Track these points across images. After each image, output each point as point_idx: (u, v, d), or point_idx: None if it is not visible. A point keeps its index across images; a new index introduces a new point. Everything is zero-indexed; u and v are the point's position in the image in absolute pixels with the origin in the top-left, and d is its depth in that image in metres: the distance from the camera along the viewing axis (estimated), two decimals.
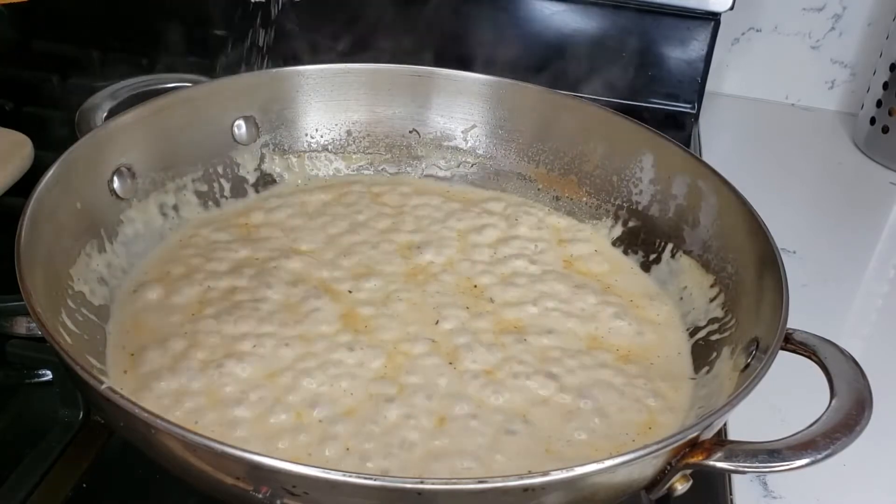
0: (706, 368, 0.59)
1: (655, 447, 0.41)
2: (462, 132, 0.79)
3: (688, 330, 0.64)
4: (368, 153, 0.79)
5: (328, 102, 0.77)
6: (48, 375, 0.58)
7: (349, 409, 0.53)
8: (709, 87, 1.08)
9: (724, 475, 0.59)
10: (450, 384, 0.56)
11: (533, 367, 0.58)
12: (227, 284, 0.63)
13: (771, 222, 0.59)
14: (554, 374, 0.58)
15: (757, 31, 1.15)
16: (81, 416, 0.57)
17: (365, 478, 0.38)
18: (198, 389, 0.53)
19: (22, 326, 0.55)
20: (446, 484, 0.39)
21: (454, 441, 0.52)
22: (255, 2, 0.63)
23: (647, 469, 0.43)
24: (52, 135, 0.81)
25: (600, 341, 0.62)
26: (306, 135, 0.77)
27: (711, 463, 0.43)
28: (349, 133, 0.78)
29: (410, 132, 0.79)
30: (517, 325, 0.63)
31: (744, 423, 0.58)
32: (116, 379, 0.54)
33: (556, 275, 0.68)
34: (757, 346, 0.52)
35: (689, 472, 0.44)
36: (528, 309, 0.64)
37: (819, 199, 1.02)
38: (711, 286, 0.64)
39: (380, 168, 0.80)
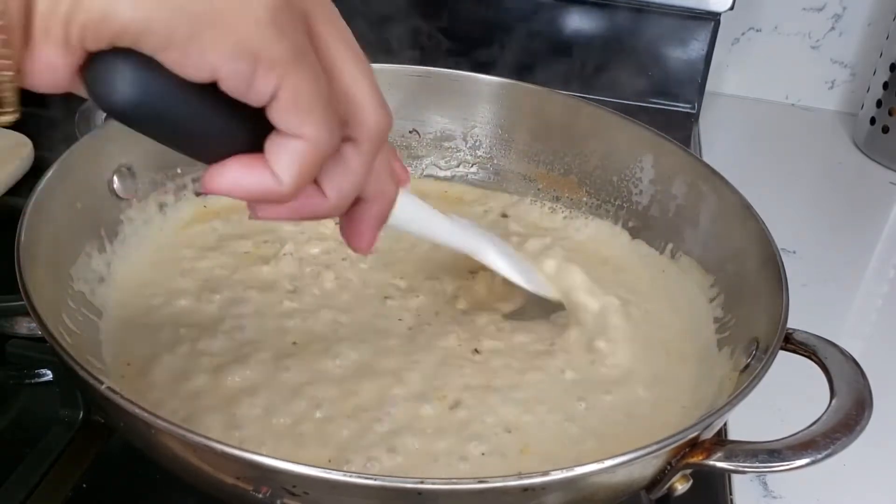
0: (706, 368, 0.59)
1: (655, 447, 0.41)
2: (462, 132, 0.79)
3: None
4: None
5: None
6: (48, 375, 0.58)
7: (352, 406, 0.53)
8: (709, 87, 1.08)
9: (724, 475, 0.59)
10: (451, 373, 0.56)
11: (531, 366, 0.58)
12: (227, 284, 0.63)
13: (771, 222, 0.59)
14: (552, 374, 0.58)
15: (757, 31, 1.15)
16: (81, 416, 0.57)
17: (365, 478, 0.38)
18: (198, 390, 0.53)
19: (22, 326, 0.55)
20: (446, 484, 0.39)
21: (458, 435, 0.52)
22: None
23: (647, 469, 0.43)
24: (52, 135, 0.81)
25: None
26: None
27: (711, 463, 0.43)
28: None
29: (410, 132, 0.79)
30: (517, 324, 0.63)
31: (744, 423, 0.58)
32: (116, 379, 0.54)
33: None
34: (757, 346, 0.52)
35: (689, 472, 0.44)
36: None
37: (819, 199, 1.02)
38: (711, 286, 0.64)
39: None
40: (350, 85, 0.37)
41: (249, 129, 0.36)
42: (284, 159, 0.35)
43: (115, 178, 0.64)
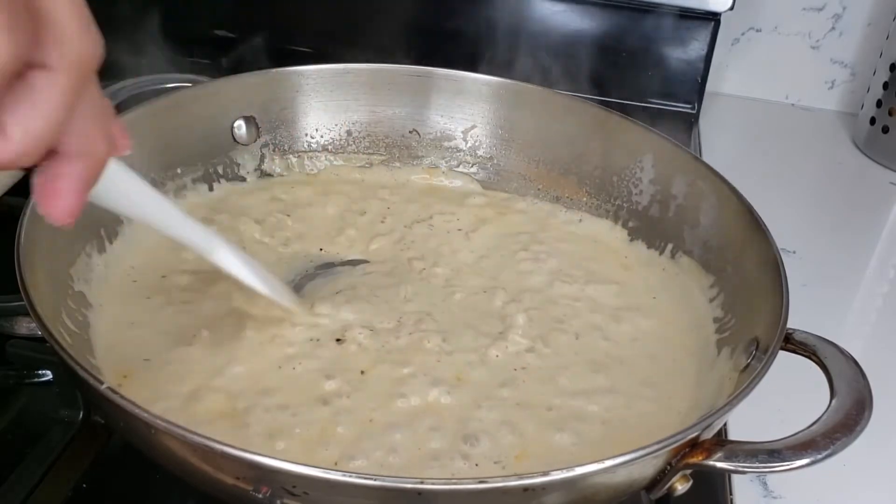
0: (706, 368, 0.59)
1: (655, 447, 0.41)
2: (462, 132, 0.79)
3: None
4: (368, 153, 0.79)
5: (328, 102, 0.77)
6: (48, 375, 0.58)
7: (355, 408, 0.53)
8: (709, 87, 1.08)
9: (724, 475, 0.59)
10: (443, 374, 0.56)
11: (533, 367, 0.58)
12: (227, 284, 0.63)
13: (771, 222, 0.59)
14: (553, 375, 0.58)
15: (757, 31, 1.15)
16: (81, 416, 0.57)
17: (365, 478, 0.38)
18: (199, 389, 0.53)
19: (22, 326, 0.55)
20: (446, 484, 0.39)
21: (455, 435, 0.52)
22: None
23: (647, 469, 0.43)
24: None
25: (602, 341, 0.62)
26: (306, 135, 0.77)
27: (711, 463, 0.43)
28: (349, 133, 0.78)
29: (410, 132, 0.79)
30: (518, 325, 0.62)
31: (744, 423, 0.58)
32: (116, 380, 0.54)
33: (557, 275, 0.68)
34: (757, 346, 0.52)
35: (689, 472, 0.44)
36: (528, 310, 0.64)
37: (819, 199, 1.02)
38: (711, 286, 0.64)
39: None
40: None
41: None
42: None
43: None
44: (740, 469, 0.43)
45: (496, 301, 0.64)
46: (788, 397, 0.59)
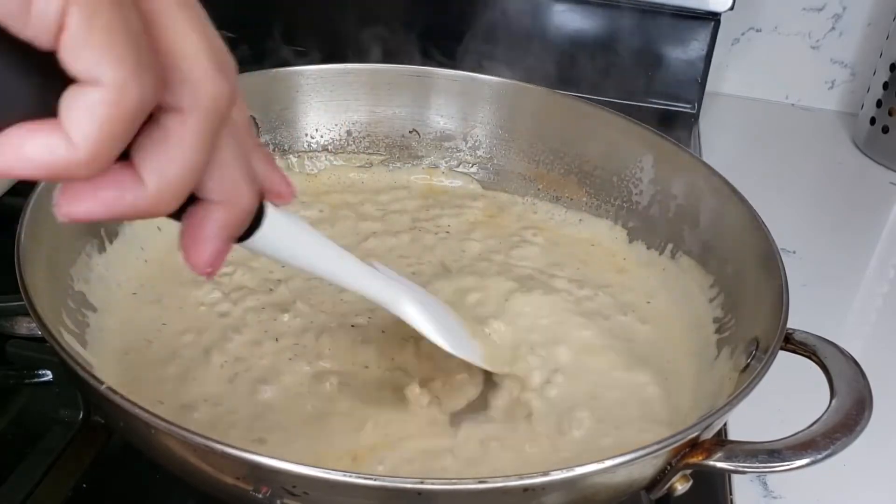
0: (706, 368, 0.59)
1: (655, 447, 0.41)
2: (462, 132, 0.79)
3: None
4: (368, 153, 0.79)
5: (328, 102, 0.77)
6: (48, 375, 0.58)
7: (360, 410, 0.53)
8: (709, 87, 1.08)
9: (724, 475, 0.59)
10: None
11: (533, 366, 0.58)
12: (227, 284, 0.63)
13: (771, 222, 0.59)
14: (554, 375, 0.58)
15: (757, 31, 1.15)
16: (81, 416, 0.57)
17: (365, 478, 0.38)
18: (199, 390, 0.53)
19: (22, 326, 0.55)
20: (446, 484, 0.39)
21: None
22: None
23: (647, 469, 0.43)
24: None
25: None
26: (306, 135, 0.77)
27: (711, 463, 0.43)
28: (349, 133, 0.79)
29: (410, 132, 0.79)
30: (520, 323, 0.62)
31: (744, 423, 0.58)
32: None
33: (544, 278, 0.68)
34: (757, 346, 0.52)
35: (689, 472, 0.44)
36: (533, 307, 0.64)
37: (819, 199, 1.02)
38: (711, 286, 0.64)
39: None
40: (175, 40, 0.29)
41: (40, 84, 0.27)
42: (78, 115, 0.27)
43: None
44: (740, 469, 0.43)
45: (470, 300, 0.64)
46: (788, 397, 0.59)
